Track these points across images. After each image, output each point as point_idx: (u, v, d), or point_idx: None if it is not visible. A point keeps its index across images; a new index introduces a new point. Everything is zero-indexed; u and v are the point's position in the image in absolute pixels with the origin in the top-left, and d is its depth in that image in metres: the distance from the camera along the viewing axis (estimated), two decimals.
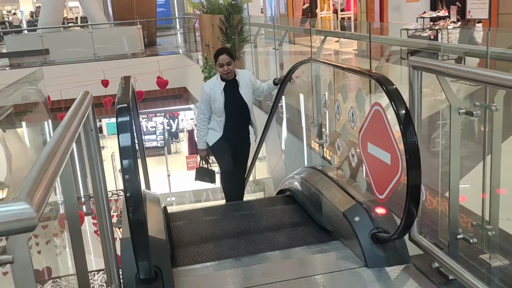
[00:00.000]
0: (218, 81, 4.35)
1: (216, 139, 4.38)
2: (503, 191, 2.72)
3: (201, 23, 10.42)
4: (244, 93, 4.36)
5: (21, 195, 0.95)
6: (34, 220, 0.92)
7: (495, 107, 2.37)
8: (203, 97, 4.36)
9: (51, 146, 1.29)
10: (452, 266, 2.43)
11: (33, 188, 0.99)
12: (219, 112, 4.29)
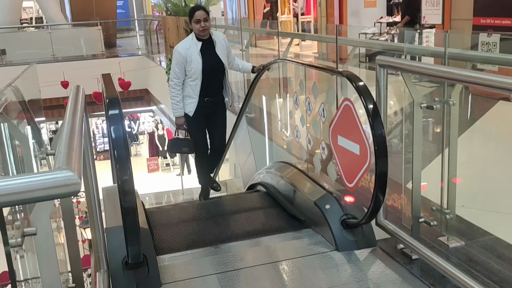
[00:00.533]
0: (194, 41, 4.03)
1: (192, 108, 4.10)
2: (459, 180, 3.00)
3: (165, 25, 10.48)
4: (221, 53, 4.11)
5: (63, 165, 1.09)
6: (79, 185, 1.07)
7: (452, 101, 2.64)
8: (177, 59, 4.03)
9: (69, 127, 1.43)
10: (415, 246, 2.68)
11: (70, 159, 1.14)
12: (196, 74, 3.98)
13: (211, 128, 4.29)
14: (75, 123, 1.53)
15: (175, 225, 3.55)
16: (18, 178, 1.03)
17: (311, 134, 3.42)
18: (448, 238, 2.90)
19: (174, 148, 4.33)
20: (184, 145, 4.25)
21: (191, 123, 4.17)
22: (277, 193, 3.84)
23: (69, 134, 1.34)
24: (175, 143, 4.31)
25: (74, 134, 1.36)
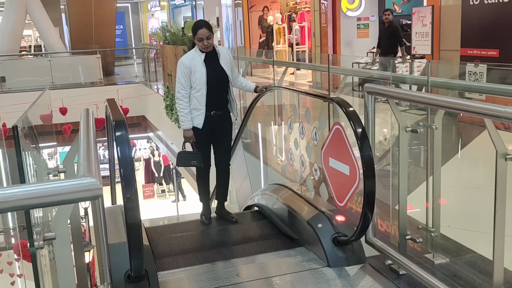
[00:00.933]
0: (197, 52, 4.03)
1: (201, 121, 4.04)
2: (444, 201, 3.18)
3: (163, 53, 10.77)
4: (225, 65, 4.09)
5: (85, 173, 1.27)
6: (101, 190, 1.24)
7: (435, 126, 2.84)
8: (182, 70, 4.01)
9: (86, 142, 1.61)
10: (403, 261, 2.84)
11: (90, 168, 1.32)
12: (200, 84, 3.96)
13: (217, 142, 4.21)
14: (90, 138, 1.71)
15: (173, 244, 3.69)
16: (50, 183, 1.21)
17: (305, 157, 3.60)
18: (433, 255, 3.06)
19: (183, 162, 4.22)
20: (193, 158, 4.15)
21: (197, 136, 4.10)
22: (272, 213, 4.00)
23: (87, 148, 1.52)
24: (183, 156, 4.20)
25: (91, 147, 1.54)
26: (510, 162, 2.27)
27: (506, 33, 6.31)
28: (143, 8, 31.18)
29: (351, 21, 11.70)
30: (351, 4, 11.64)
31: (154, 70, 15.91)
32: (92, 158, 1.45)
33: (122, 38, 29.46)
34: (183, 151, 4.24)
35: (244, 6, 16.93)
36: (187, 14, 25.64)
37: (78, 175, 1.27)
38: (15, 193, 1.17)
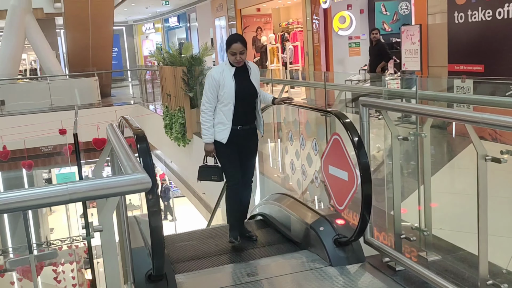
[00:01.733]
0: (227, 66, 3.95)
1: (226, 135, 3.92)
2: (435, 205, 3.47)
3: (162, 74, 11.10)
4: (255, 81, 4.01)
5: (135, 169, 1.55)
6: (150, 183, 1.52)
7: (424, 134, 3.15)
8: (210, 83, 3.91)
9: (122, 147, 1.90)
10: (399, 257, 3.12)
11: (136, 166, 1.60)
12: (228, 98, 3.86)
13: (242, 158, 4.07)
14: (124, 144, 2.00)
15: (185, 250, 3.95)
16: (110, 178, 1.49)
17: (306, 166, 3.90)
18: (427, 253, 3.34)
19: (203, 176, 4.13)
20: (213, 172, 4.07)
21: (223, 152, 3.99)
22: (275, 221, 4.27)
23: (126, 152, 1.81)
24: (204, 170, 4.12)
25: (128, 151, 1.82)
26: (489, 163, 2.57)
27: (490, 49, 6.68)
28: (138, 30, 31.69)
29: (342, 40, 12.13)
30: (342, 24, 12.08)
31: (151, 91, 16.26)
32: (133, 158, 1.74)
33: (117, 60, 29.84)
34: (204, 165, 4.14)
35: (238, 27, 17.37)
36: (181, 35, 26.13)
37: (126, 172, 1.55)
38: (85, 186, 1.45)
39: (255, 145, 4.21)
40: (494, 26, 6.54)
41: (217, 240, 4.14)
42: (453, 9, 7.21)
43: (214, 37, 19.64)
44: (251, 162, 4.19)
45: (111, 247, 1.81)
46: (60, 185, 1.45)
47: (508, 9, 6.29)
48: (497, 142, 5.26)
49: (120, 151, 1.91)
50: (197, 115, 9.59)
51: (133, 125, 3.17)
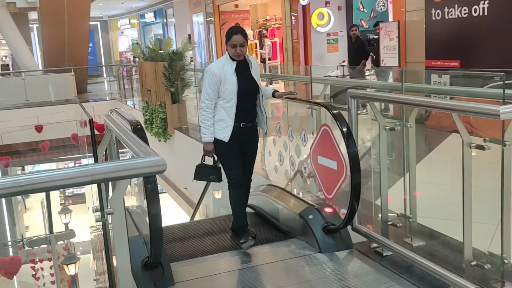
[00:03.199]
0: (227, 60, 3.76)
1: (228, 133, 3.73)
2: (419, 194, 3.62)
3: (142, 69, 11.07)
4: (256, 76, 3.85)
5: (149, 153, 1.63)
6: (166, 166, 1.60)
7: (410, 124, 3.28)
8: (211, 79, 3.72)
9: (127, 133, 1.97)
10: (386, 243, 3.25)
11: (149, 151, 1.67)
12: (230, 95, 3.69)
13: (242, 156, 3.88)
14: (129, 131, 2.07)
15: (179, 241, 4.02)
16: (129, 160, 1.56)
17: (294, 158, 4.00)
18: (412, 239, 3.48)
19: (201, 176, 3.96)
20: (212, 173, 3.90)
21: (224, 152, 3.80)
22: (264, 211, 4.36)
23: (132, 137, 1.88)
24: (202, 170, 3.93)
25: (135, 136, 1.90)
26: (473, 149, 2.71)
27: (466, 45, 6.90)
28: (113, 26, 31.38)
29: (321, 37, 12.29)
30: (320, 20, 12.24)
31: (128, 87, 16.18)
32: (143, 143, 1.82)
33: (92, 56, 29.53)
34: (201, 164, 3.96)
35: (216, 23, 17.40)
36: (158, 31, 26.00)
37: (139, 156, 1.63)
38: (105, 167, 1.52)
39: (257, 143, 4.04)
40: (470, 23, 6.76)
41: (207, 230, 4.22)
42: (430, 6, 7.42)
43: (191, 33, 19.61)
44: (251, 161, 4.00)
45: (121, 230, 1.88)
46: (81, 166, 1.52)
47: (483, 6, 6.51)
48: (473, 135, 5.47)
49: (127, 138, 1.97)
50: (178, 110, 9.62)
51: (127, 117, 3.22)
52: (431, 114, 7.21)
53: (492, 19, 6.44)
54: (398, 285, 2.98)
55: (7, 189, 1.43)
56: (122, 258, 1.90)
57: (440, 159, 6.14)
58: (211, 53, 18.20)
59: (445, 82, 5.22)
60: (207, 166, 3.94)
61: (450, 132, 6.74)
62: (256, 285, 3.18)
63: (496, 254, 2.79)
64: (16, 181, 1.45)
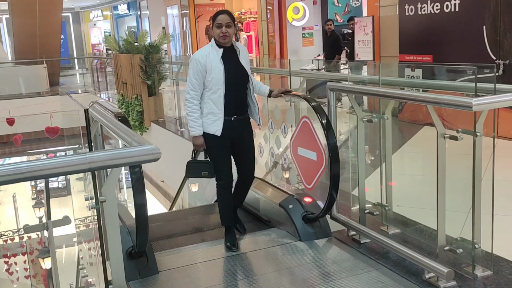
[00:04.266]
0: (213, 48, 3.51)
1: (219, 127, 3.49)
2: (394, 183, 3.76)
3: (117, 62, 11.00)
4: (245, 63, 3.60)
5: (143, 142, 1.69)
6: (160, 154, 1.66)
7: (386, 116, 3.41)
8: (195, 68, 3.46)
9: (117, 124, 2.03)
10: (364, 230, 3.38)
11: (143, 140, 1.74)
12: (218, 84, 3.44)
13: (239, 152, 3.67)
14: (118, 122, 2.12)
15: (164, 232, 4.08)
16: (125, 149, 1.62)
17: (274, 149, 4.09)
18: (388, 227, 3.62)
19: (193, 172, 3.68)
20: (204, 168, 3.61)
21: (214, 146, 3.56)
22: (244, 202, 4.45)
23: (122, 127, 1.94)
24: (193, 166, 3.66)
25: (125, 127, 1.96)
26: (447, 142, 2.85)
27: (438, 40, 7.09)
28: (85, 17, 30.92)
29: (296, 30, 12.40)
30: (296, 14, 12.35)
31: (101, 79, 16.03)
32: (135, 133, 1.88)
33: (63, 48, 29.06)
34: (192, 160, 3.70)
35: (191, 16, 17.36)
36: (131, 24, 25.75)
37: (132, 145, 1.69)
38: (103, 155, 1.58)
39: (252, 136, 3.79)
40: (442, 19, 6.95)
41: (189, 220, 4.29)
42: (403, 2, 7.59)
43: (166, 25, 19.51)
44: (249, 155, 3.73)
45: (114, 217, 1.93)
46: (80, 155, 1.57)
47: (455, 3, 6.70)
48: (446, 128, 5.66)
49: (118, 128, 2.03)
50: (155, 103, 9.62)
51: (111, 109, 3.26)
52: (404, 107, 7.41)
53: (463, 15, 6.64)
54: (375, 271, 3.10)
55: (8, 176, 1.48)
56: (115, 244, 1.95)
57: (413, 151, 6.33)
58: (186, 46, 18.16)
59: (418, 76, 5.38)
60: (198, 161, 3.68)
61: (422, 125, 6.97)
62: (238, 273, 3.27)
63: (468, 240, 2.94)
64: (17, 168, 1.49)
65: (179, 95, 9.10)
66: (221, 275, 3.26)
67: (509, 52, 6.08)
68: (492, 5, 6.22)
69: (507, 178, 4.75)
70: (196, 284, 3.10)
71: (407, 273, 3.01)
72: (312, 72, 5.70)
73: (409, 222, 3.80)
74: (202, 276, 3.22)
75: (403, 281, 2.95)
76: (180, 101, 8.95)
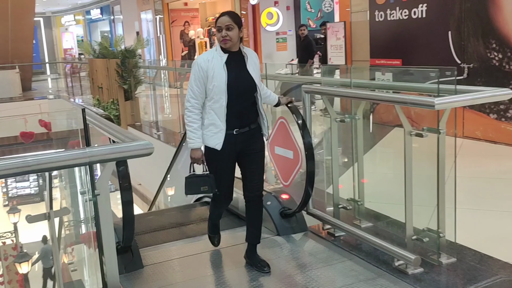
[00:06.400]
0: (217, 52, 3.18)
1: (220, 140, 3.15)
2: (366, 180, 3.98)
3: (92, 67, 11.04)
4: (253, 71, 3.23)
5: (136, 138, 1.86)
6: (153, 148, 1.83)
7: (358, 117, 3.63)
8: (196, 74, 3.15)
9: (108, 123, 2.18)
10: (338, 223, 3.59)
11: (136, 136, 1.91)
12: (219, 93, 3.11)
13: (245, 167, 3.33)
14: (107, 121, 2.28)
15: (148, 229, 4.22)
16: (121, 144, 1.78)
17: None
18: (360, 220, 3.84)
19: (192, 189, 3.30)
20: (203, 182, 3.24)
21: (216, 163, 3.23)
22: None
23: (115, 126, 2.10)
24: (193, 181, 3.26)
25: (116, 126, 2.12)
26: (414, 142, 3.08)
27: (407, 45, 7.41)
28: (57, 22, 30.65)
29: (270, 35, 12.66)
30: (270, 20, 12.59)
31: (75, 84, 15.99)
32: (126, 131, 2.04)
33: (35, 53, 28.68)
34: (191, 175, 3.28)
35: (166, 21, 17.46)
36: (104, 28, 25.66)
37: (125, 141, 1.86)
38: (103, 150, 1.74)
39: (261, 151, 3.36)
40: (410, 24, 7.26)
41: (171, 218, 4.45)
42: (373, 8, 7.90)
43: (140, 30, 19.55)
44: (257, 172, 3.34)
45: (107, 210, 2.08)
46: (81, 149, 1.72)
47: (422, 9, 7.02)
48: (413, 128, 5.95)
49: (109, 128, 2.18)
50: (131, 107, 9.72)
51: (94, 110, 3.39)
52: (375, 109, 7.70)
53: (430, 21, 6.97)
54: (349, 261, 3.31)
55: (17, 169, 1.62)
56: (108, 236, 2.10)
57: (384, 151, 6.61)
58: (160, 51, 18.24)
59: (389, 79, 5.66)
60: (197, 176, 3.29)
61: (392, 127, 7.26)
62: (219, 265, 3.45)
63: (433, 230, 3.18)
64: (24, 162, 1.64)
65: (156, 99, 9.23)
66: (204, 268, 3.42)
67: (473, 56, 6.41)
68: (457, 12, 6.56)
69: (471, 175, 5.05)
70: (180, 277, 3.26)
71: (379, 262, 3.23)
72: (288, 76, 5.90)
73: (380, 216, 4.02)
74: (186, 269, 3.37)
75: (375, 269, 3.16)
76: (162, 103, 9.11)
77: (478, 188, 4.75)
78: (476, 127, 6.42)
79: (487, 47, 6.22)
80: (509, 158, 5.74)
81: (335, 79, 4.17)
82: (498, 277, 2.96)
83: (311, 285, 3.04)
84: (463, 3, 6.45)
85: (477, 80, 6.29)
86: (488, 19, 6.17)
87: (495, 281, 2.92)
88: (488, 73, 6.22)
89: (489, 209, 4.19)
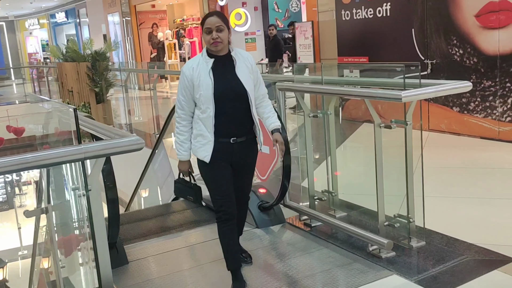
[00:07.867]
0: (203, 57, 2.95)
1: (208, 152, 2.94)
2: (339, 173, 4.17)
3: (62, 70, 10.98)
4: (243, 76, 2.95)
5: (126, 134, 1.98)
6: (144, 144, 1.95)
7: (330, 112, 3.81)
8: (182, 83, 2.95)
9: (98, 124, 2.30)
10: (314, 213, 3.77)
11: (125, 132, 2.03)
12: (206, 102, 2.88)
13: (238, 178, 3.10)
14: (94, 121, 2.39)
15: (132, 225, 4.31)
16: (112, 140, 1.90)
17: None
18: (335, 211, 4.03)
19: (179, 193, 3.44)
20: (188, 192, 3.31)
21: (208, 175, 3.04)
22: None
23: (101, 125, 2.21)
24: (179, 187, 3.35)
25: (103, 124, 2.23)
26: (384, 136, 3.28)
27: (373, 43, 7.66)
28: (20, 26, 30.08)
29: (239, 36, 12.80)
30: (238, 20, 12.74)
31: (42, 88, 15.82)
32: (115, 129, 2.16)
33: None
34: (178, 179, 3.34)
35: (133, 23, 17.41)
36: (70, 32, 25.34)
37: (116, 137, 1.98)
38: (97, 146, 1.85)
39: (253, 160, 3.21)
40: (375, 23, 7.52)
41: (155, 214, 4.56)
42: (340, 7, 8.13)
43: (107, 33, 19.43)
44: (246, 181, 3.24)
45: (99, 205, 2.19)
46: (75, 146, 1.83)
47: (386, 8, 7.29)
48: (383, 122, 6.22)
49: (98, 126, 2.28)
50: (103, 110, 9.73)
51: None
52: (344, 106, 7.94)
53: (394, 19, 7.24)
54: (326, 248, 3.49)
55: (16, 165, 1.72)
56: (100, 231, 2.21)
57: (354, 146, 6.84)
58: (128, 54, 18.17)
59: (356, 76, 5.88)
60: (183, 183, 3.31)
61: (361, 122, 7.51)
62: (202, 258, 3.57)
63: (404, 215, 3.38)
64: (23, 158, 1.74)
65: (128, 102, 9.27)
66: (187, 261, 3.55)
67: (436, 53, 6.70)
68: (419, 10, 6.84)
69: (438, 166, 5.30)
70: (164, 271, 3.37)
71: (354, 248, 3.42)
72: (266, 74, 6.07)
73: (353, 206, 4.22)
74: (170, 263, 3.49)
75: (350, 255, 3.35)
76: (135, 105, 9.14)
77: (444, 177, 5.00)
78: (441, 120, 6.71)
79: (448, 43, 6.51)
80: (472, 149, 6.04)
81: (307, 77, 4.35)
82: (464, 257, 3.18)
83: (291, 273, 3.20)
84: (425, 2, 6.74)
85: (440, 75, 6.58)
86: (449, 17, 6.46)
87: (461, 261, 3.14)
88: (450, 68, 6.52)
89: (454, 196, 4.43)
